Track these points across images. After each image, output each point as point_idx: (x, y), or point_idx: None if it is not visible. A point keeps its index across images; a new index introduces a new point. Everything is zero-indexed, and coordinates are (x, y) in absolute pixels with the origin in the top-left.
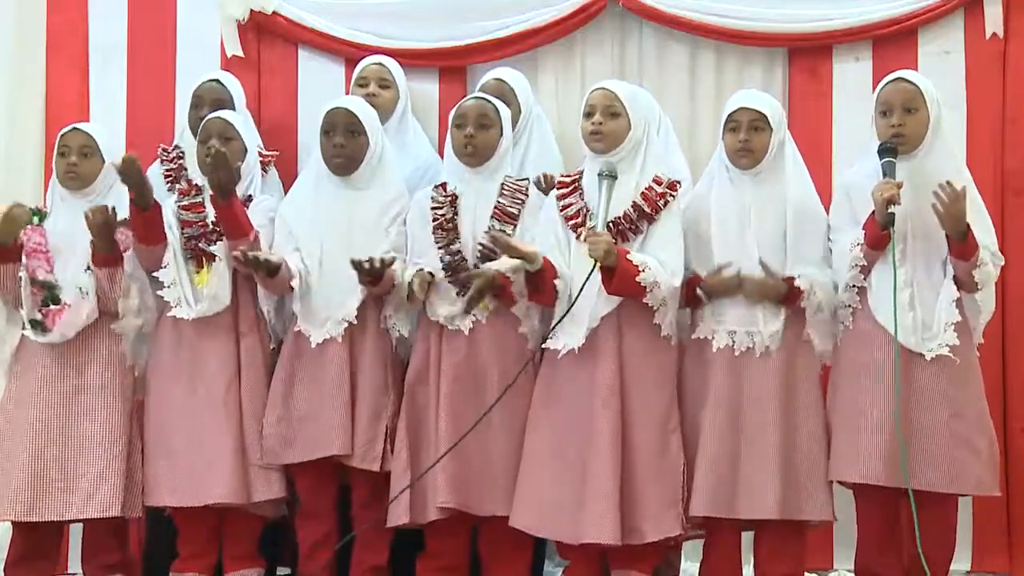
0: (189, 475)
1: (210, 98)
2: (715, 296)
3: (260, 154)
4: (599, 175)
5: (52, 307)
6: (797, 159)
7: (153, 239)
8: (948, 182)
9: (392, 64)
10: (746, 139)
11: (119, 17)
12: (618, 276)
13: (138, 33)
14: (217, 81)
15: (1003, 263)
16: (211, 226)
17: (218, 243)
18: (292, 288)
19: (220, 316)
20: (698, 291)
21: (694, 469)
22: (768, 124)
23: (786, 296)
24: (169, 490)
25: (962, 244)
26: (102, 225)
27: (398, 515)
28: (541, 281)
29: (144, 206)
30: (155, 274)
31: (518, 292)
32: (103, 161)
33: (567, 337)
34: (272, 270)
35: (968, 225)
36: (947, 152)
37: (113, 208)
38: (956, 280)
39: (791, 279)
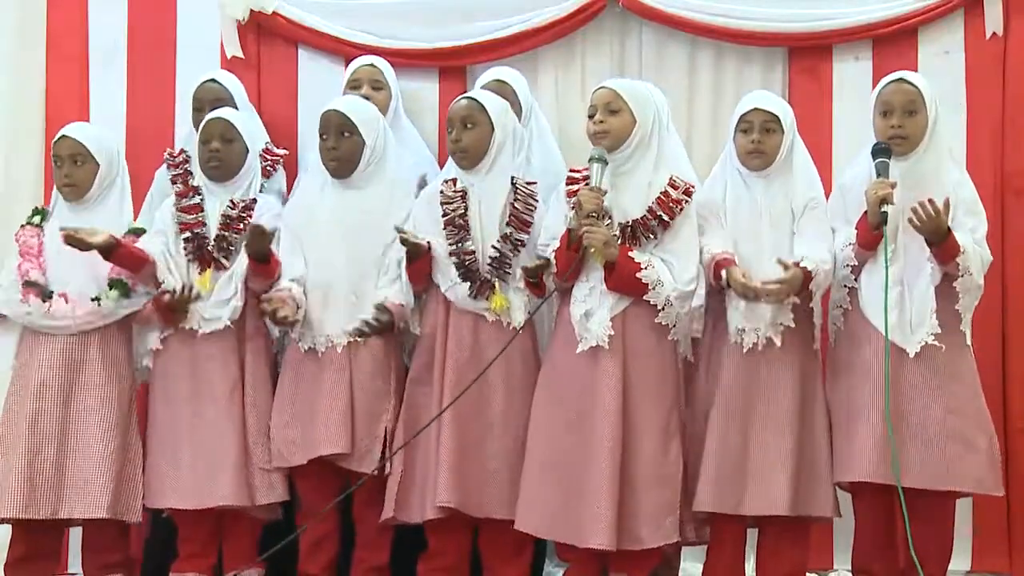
0: (193, 478)
1: (209, 99)
2: (733, 288)
3: (270, 152)
4: (589, 160)
5: (49, 300)
6: (807, 159)
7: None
8: (931, 201)
9: (383, 64)
10: (759, 140)
11: (119, 17)
12: (618, 271)
13: (138, 33)
14: (214, 81)
15: (990, 260)
16: (213, 230)
17: (220, 250)
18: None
19: None
20: (723, 274)
21: (701, 464)
22: (780, 126)
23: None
24: (173, 492)
25: (941, 247)
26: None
27: (384, 511)
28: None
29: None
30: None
31: (550, 282)
32: (98, 164)
33: (587, 333)
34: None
35: (948, 230)
36: (942, 153)
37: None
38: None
39: (798, 264)
